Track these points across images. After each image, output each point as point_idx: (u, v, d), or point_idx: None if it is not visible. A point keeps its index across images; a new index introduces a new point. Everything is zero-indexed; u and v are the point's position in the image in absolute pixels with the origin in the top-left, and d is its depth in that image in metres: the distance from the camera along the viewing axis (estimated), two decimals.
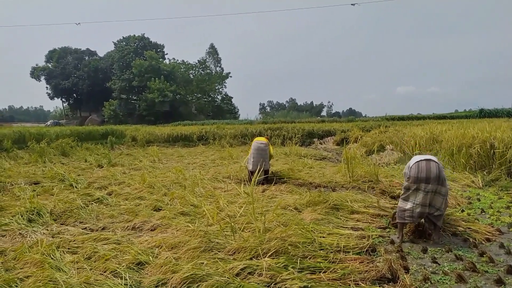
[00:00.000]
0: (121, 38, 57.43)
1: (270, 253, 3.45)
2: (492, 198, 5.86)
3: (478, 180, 6.96)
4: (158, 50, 57.50)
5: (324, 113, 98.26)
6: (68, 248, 3.90)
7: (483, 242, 3.90)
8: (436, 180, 3.85)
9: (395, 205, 4.44)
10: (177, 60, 59.69)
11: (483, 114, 29.73)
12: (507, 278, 3.02)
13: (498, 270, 3.19)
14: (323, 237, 4.00)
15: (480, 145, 7.65)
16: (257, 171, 5.04)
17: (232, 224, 4.04)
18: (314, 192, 5.84)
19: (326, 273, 3.11)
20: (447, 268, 3.28)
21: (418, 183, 3.90)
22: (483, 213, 5.04)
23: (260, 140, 7.62)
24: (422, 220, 4.19)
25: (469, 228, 4.26)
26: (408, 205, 3.98)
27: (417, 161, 3.96)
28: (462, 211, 5.16)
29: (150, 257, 3.49)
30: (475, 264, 3.23)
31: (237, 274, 3.11)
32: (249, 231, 4.17)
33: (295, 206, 5.31)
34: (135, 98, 54.56)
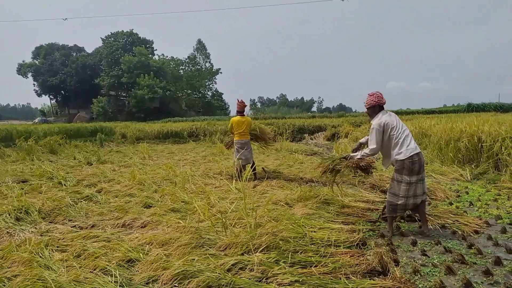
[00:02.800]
0: (109, 34, 56.47)
1: (261, 248, 3.45)
2: (480, 191, 5.95)
3: (467, 174, 7.06)
4: (147, 46, 56.75)
5: (314, 108, 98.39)
6: (57, 247, 3.85)
7: (472, 235, 3.96)
8: (423, 168, 3.95)
9: (385, 199, 4.46)
10: (167, 56, 59.16)
11: (470, 108, 30.11)
12: (495, 269, 3.07)
13: (486, 262, 3.24)
14: (314, 231, 4.01)
15: (468, 139, 7.76)
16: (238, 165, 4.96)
17: (223, 220, 4.02)
18: (305, 187, 5.86)
19: (317, 267, 3.12)
20: (436, 260, 3.32)
21: (411, 175, 3.88)
22: (471, 206, 5.12)
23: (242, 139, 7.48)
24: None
25: (457, 220, 4.32)
26: (401, 201, 3.95)
27: (411, 155, 3.87)
28: (451, 204, 5.23)
29: (141, 254, 3.46)
30: (464, 256, 3.28)
31: (229, 270, 3.11)
32: (240, 226, 4.17)
33: (286, 201, 5.31)
34: (124, 94, 53.95)
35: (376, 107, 4.17)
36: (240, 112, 7.47)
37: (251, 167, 7.20)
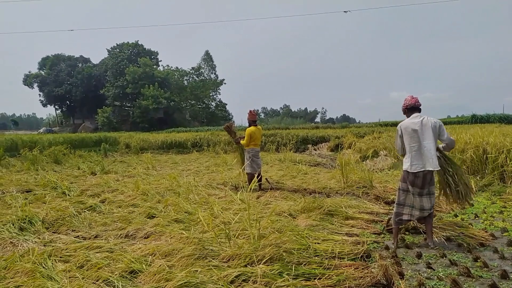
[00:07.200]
0: (115, 45, 57.28)
1: (265, 259, 3.43)
2: (486, 203, 5.89)
3: (472, 185, 6.99)
4: (152, 57, 57.41)
5: (318, 119, 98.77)
6: (60, 257, 3.84)
7: (477, 247, 3.91)
8: (429, 185, 3.92)
9: (390, 211, 4.44)
10: (171, 67, 59.69)
11: (475, 119, 29.97)
12: (501, 283, 3.03)
13: (492, 275, 3.19)
14: (318, 243, 3.99)
15: (473, 150, 7.71)
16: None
17: (227, 231, 4.01)
18: (309, 198, 5.83)
19: (321, 279, 3.10)
20: (441, 273, 3.27)
21: (413, 186, 3.92)
22: (476, 218, 5.07)
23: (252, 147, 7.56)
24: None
25: (462, 233, 4.27)
26: (406, 210, 4.01)
27: (415, 172, 3.90)
28: (456, 216, 5.18)
29: (144, 265, 3.45)
30: (470, 269, 3.24)
31: (232, 282, 3.09)
32: (244, 237, 4.15)
33: (289, 212, 5.29)
34: (129, 105, 54.36)
35: (405, 111, 4.19)
36: (254, 121, 7.56)
37: (257, 176, 7.24)
